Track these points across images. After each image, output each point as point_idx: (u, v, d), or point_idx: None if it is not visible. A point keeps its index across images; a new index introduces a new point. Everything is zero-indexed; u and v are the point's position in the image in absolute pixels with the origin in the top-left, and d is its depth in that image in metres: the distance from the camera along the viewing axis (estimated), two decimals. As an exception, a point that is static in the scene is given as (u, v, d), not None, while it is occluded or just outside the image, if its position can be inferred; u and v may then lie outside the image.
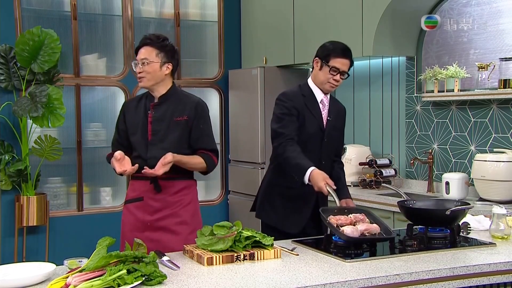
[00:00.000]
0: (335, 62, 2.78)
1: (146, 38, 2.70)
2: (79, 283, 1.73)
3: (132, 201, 2.69)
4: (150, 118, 2.64)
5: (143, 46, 2.66)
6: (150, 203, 2.65)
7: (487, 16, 3.66)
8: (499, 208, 2.48)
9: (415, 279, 1.96)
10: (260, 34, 5.16)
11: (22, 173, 4.36)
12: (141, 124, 2.65)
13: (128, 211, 2.71)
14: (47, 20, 4.69)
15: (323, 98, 2.88)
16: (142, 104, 2.69)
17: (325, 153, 2.88)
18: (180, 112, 2.64)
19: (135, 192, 2.68)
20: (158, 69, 2.63)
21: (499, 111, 3.59)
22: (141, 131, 2.64)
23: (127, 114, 2.72)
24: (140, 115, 2.67)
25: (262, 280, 1.87)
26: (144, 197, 2.65)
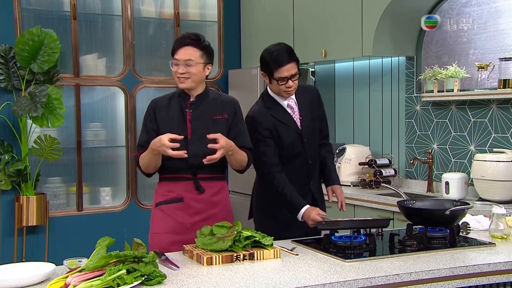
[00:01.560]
0: (279, 73, 2.70)
1: (187, 37, 2.59)
2: (79, 283, 1.73)
3: (170, 202, 2.55)
4: (189, 116, 2.56)
5: (185, 46, 2.55)
6: (192, 204, 2.53)
7: (486, 16, 3.66)
8: (498, 208, 2.48)
9: (414, 279, 1.96)
10: (259, 34, 5.16)
11: (21, 173, 4.36)
12: (177, 122, 2.55)
13: (162, 213, 2.55)
14: (46, 20, 4.68)
15: (288, 102, 2.82)
16: (175, 102, 2.60)
17: (310, 152, 2.83)
18: (219, 111, 2.61)
19: (173, 193, 2.55)
20: (202, 70, 2.60)
21: (499, 111, 3.59)
22: (178, 130, 2.50)
23: (159, 113, 2.58)
24: (175, 113, 2.57)
25: (262, 280, 1.87)
26: (184, 198, 2.53)
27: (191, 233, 2.45)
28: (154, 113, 2.59)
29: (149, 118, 2.60)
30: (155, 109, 2.60)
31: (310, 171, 2.85)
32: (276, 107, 2.80)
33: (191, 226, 2.51)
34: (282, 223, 2.77)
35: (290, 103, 2.82)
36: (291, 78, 2.72)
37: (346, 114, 4.76)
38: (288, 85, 2.72)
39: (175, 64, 2.54)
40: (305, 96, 2.88)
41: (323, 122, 2.97)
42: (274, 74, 2.71)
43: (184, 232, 2.50)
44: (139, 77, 5.01)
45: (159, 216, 2.57)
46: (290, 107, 2.82)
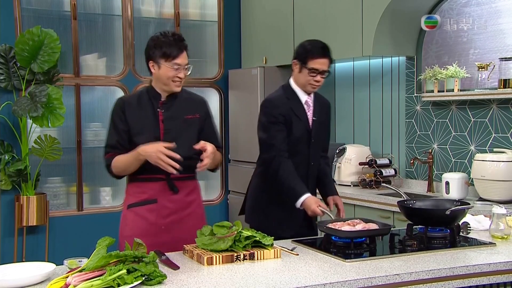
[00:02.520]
0: (313, 63, 2.73)
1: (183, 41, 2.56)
2: (79, 283, 1.73)
3: (143, 204, 2.51)
4: (161, 117, 2.52)
5: (184, 51, 2.54)
6: (166, 205, 2.51)
7: (486, 16, 3.66)
8: (499, 208, 2.48)
9: (415, 279, 1.96)
10: (260, 34, 5.16)
11: (22, 173, 4.36)
12: (150, 122, 2.52)
13: (135, 215, 2.52)
14: (47, 20, 4.68)
15: (307, 99, 2.84)
16: (145, 101, 2.55)
17: (313, 154, 2.86)
18: (192, 111, 2.60)
19: (146, 194, 2.51)
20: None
21: (499, 111, 3.59)
22: (150, 131, 2.50)
23: (129, 112, 2.52)
24: (146, 113, 2.53)
25: (262, 280, 1.87)
26: (158, 199, 2.50)
27: (165, 234, 2.47)
28: (123, 113, 2.53)
29: (119, 118, 2.53)
30: (124, 108, 2.54)
31: (309, 173, 2.85)
32: (294, 99, 2.82)
33: (165, 227, 2.50)
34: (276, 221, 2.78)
35: (308, 100, 2.85)
36: (321, 73, 2.76)
37: (346, 114, 4.76)
38: (316, 79, 2.76)
39: (175, 68, 2.50)
40: (319, 103, 2.92)
41: (327, 134, 3.01)
42: (307, 63, 2.74)
43: (158, 233, 2.48)
44: (139, 77, 5.01)
45: (131, 218, 2.53)
46: (307, 105, 2.85)
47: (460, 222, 2.46)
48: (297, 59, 2.79)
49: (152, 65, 2.52)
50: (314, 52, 2.74)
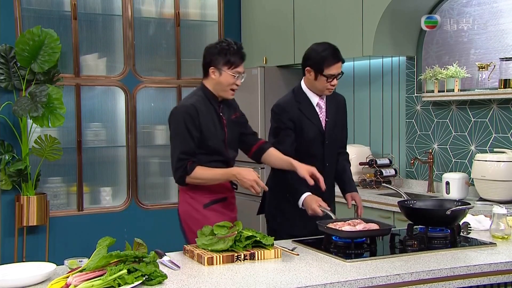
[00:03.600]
0: (330, 70, 2.74)
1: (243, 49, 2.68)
2: (80, 283, 1.73)
3: (217, 202, 2.69)
4: (225, 121, 2.69)
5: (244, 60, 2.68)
6: (232, 201, 2.77)
7: (487, 16, 3.66)
8: (499, 208, 2.48)
9: (415, 279, 1.96)
10: (260, 34, 5.16)
11: (22, 173, 4.36)
12: (217, 127, 2.65)
13: (215, 212, 2.66)
14: (47, 20, 4.68)
15: (319, 101, 2.86)
16: (208, 106, 2.65)
17: (328, 155, 2.87)
18: (233, 110, 2.77)
19: (218, 194, 2.69)
20: None
21: (499, 111, 3.59)
22: (218, 135, 2.65)
23: (202, 119, 2.60)
24: (213, 118, 2.65)
25: (263, 280, 1.87)
26: (227, 197, 2.73)
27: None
28: (198, 120, 2.59)
29: (193, 125, 2.58)
30: (198, 116, 2.59)
31: (325, 173, 2.82)
32: (305, 102, 2.85)
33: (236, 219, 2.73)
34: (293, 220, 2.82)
35: (320, 102, 2.87)
36: (337, 76, 2.79)
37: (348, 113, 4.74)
38: (333, 83, 2.80)
39: (237, 76, 2.64)
40: (333, 102, 2.93)
41: (344, 131, 3.02)
42: (324, 70, 2.74)
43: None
44: (139, 77, 5.01)
45: (213, 216, 2.63)
46: (319, 107, 2.87)
47: (461, 222, 2.46)
48: (311, 67, 2.77)
49: (213, 71, 2.63)
50: (329, 59, 2.75)
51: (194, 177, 2.58)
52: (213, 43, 2.69)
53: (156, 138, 5.17)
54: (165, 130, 5.20)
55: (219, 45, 2.63)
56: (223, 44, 2.63)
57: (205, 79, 2.68)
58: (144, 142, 5.09)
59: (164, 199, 5.20)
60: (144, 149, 5.10)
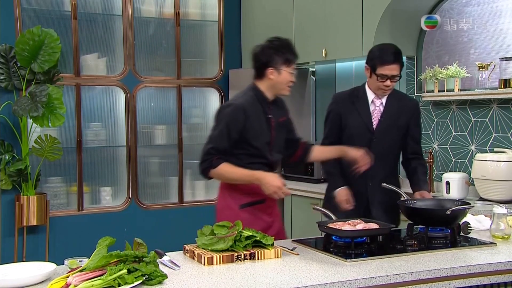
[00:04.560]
0: (382, 70, 2.81)
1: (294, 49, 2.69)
2: (80, 283, 1.73)
3: (254, 204, 2.68)
4: (273, 123, 2.67)
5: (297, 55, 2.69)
6: (270, 205, 2.73)
7: (487, 15, 3.66)
8: (499, 207, 2.48)
9: (415, 278, 1.96)
10: (260, 34, 5.16)
11: (22, 172, 4.36)
12: (264, 129, 2.64)
13: (249, 215, 2.65)
14: (47, 19, 4.68)
15: (374, 99, 2.92)
16: (259, 108, 2.64)
17: (376, 153, 2.84)
18: (282, 113, 2.75)
19: (257, 195, 2.63)
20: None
21: (500, 111, 3.59)
22: (264, 137, 2.64)
23: (249, 120, 2.59)
24: (261, 120, 2.64)
25: (263, 279, 1.87)
26: (266, 200, 2.67)
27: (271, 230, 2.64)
28: (243, 122, 2.58)
29: (235, 127, 2.58)
30: (245, 118, 2.58)
31: (371, 172, 2.83)
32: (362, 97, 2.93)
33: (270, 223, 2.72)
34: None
35: (375, 101, 2.92)
36: (391, 78, 2.82)
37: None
38: (386, 84, 2.83)
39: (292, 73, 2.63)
40: (398, 104, 2.95)
41: (413, 139, 3.00)
42: (376, 70, 2.81)
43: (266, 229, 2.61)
44: (139, 76, 5.01)
45: (246, 217, 2.58)
46: (374, 104, 2.92)
47: (461, 222, 2.46)
48: (368, 64, 2.88)
49: (271, 72, 2.60)
50: (383, 59, 2.81)
51: (218, 172, 2.57)
52: (263, 44, 2.67)
53: (156, 138, 5.17)
54: (165, 130, 5.20)
55: (274, 44, 2.63)
56: (277, 43, 2.64)
57: (259, 80, 2.65)
58: (144, 142, 5.09)
59: (164, 199, 5.20)
60: (144, 149, 5.10)
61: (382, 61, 2.80)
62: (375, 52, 2.87)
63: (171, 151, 5.18)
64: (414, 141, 3.01)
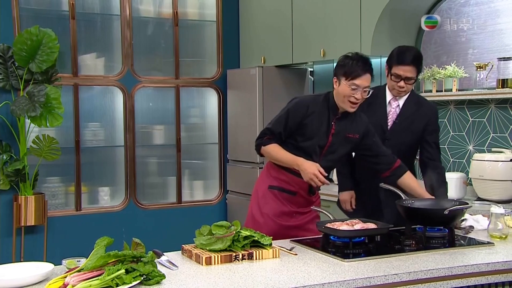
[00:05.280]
0: (397, 70, 2.84)
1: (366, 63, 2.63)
2: (78, 283, 1.73)
3: (284, 191, 2.73)
4: (333, 131, 2.69)
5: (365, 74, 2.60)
6: (301, 201, 2.76)
7: (485, 16, 3.66)
8: (497, 207, 2.48)
9: (413, 278, 1.96)
10: (258, 33, 5.16)
11: (20, 172, 4.35)
12: (322, 132, 2.67)
13: (275, 197, 2.73)
14: (45, 19, 4.68)
15: (391, 100, 2.93)
16: (323, 110, 2.68)
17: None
18: (354, 130, 2.73)
19: (289, 185, 2.72)
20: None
21: (497, 111, 3.59)
22: (319, 139, 2.67)
23: (311, 116, 2.66)
24: (323, 122, 2.68)
25: (261, 279, 1.87)
26: (298, 193, 2.73)
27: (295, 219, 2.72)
28: (303, 116, 2.66)
29: (294, 119, 2.67)
30: (306, 113, 2.66)
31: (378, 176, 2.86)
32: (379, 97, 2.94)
33: (296, 214, 2.74)
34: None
35: (392, 102, 2.94)
36: (406, 79, 2.83)
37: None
38: (400, 85, 2.85)
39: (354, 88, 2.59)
40: (415, 108, 2.94)
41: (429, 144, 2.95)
42: (392, 69, 2.86)
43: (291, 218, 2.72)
44: (137, 76, 5.01)
45: (272, 197, 2.74)
46: (390, 105, 2.94)
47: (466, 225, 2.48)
48: (387, 63, 2.91)
49: (335, 81, 2.66)
50: (399, 59, 2.83)
51: (267, 151, 2.71)
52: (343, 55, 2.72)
53: (155, 138, 5.17)
54: (163, 130, 5.20)
55: (343, 56, 2.67)
56: (345, 56, 2.67)
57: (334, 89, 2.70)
58: (142, 142, 5.09)
59: (162, 199, 5.20)
60: (143, 149, 5.09)
61: (398, 61, 2.83)
62: (394, 51, 2.90)
63: (169, 151, 5.18)
64: (430, 146, 2.98)
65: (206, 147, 5.42)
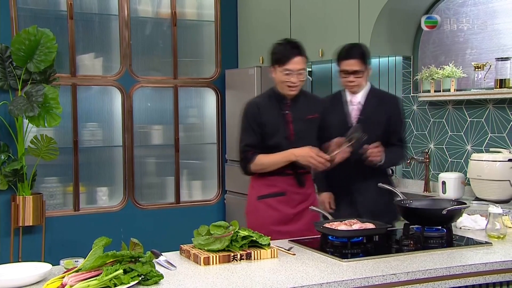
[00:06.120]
0: (343, 66, 2.89)
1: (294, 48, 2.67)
2: (76, 283, 1.73)
3: (273, 196, 2.73)
4: (290, 118, 2.69)
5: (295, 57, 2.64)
6: (294, 197, 2.74)
7: (483, 16, 3.66)
8: (495, 207, 2.49)
9: (411, 278, 1.96)
10: (257, 33, 5.16)
11: (18, 173, 4.35)
12: (279, 124, 2.70)
13: (267, 206, 2.73)
14: (43, 19, 4.67)
15: (350, 97, 2.96)
16: (273, 104, 2.72)
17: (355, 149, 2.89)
18: (312, 111, 2.76)
19: (276, 187, 2.72)
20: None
21: (495, 111, 3.60)
22: (281, 132, 2.69)
23: (264, 115, 2.71)
24: (276, 115, 2.71)
25: (259, 280, 1.87)
26: (287, 192, 2.72)
27: (293, 223, 2.68)
28: (259, 116, 2.70)
29: (254, 120, 2.71)
30: (259, 112, 2.72)
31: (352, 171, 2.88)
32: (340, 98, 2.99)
33: (294, 216, 2.73)
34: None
35: (352, 99, 2.97)
36: (354, 73, 2.87)
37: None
38: (349, 79, 2.89)
39: (287, 73, 2.63)
40: (376, 101, 2.99)
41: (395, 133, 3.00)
42: (340, 66, 2.91)
43: (288, 222, 2.68)
44: (136, 76, 5.01)
45: (263, 208, 2.74)
46: (352, 103, 2.97)
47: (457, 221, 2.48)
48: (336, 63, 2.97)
49: (272, 70, 2.71)
50: (344, 55, 2.89)
51: (257, 164, 2.69)
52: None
53: (153, 138, 5.17)
54: (162, 130, 5.20)
55: (274, 44, 2.70)
56: (276, 44, 2.70)
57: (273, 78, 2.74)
58: (140, 142, 5.08)
59: (160, 199, 5.20)
60: (141, 149, 5.09)
61: (343, 57, 2.89)
62: (339, 50, 2.96)
63: (167, 151, 5.18)
64: (395, 136, 3.03)
65: (205, 147, 5.42)
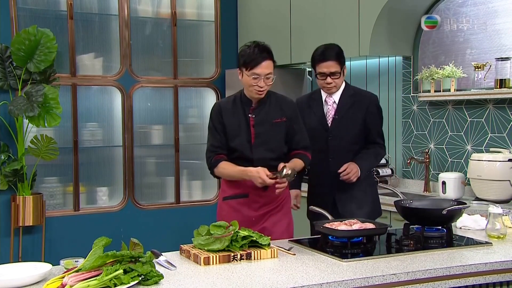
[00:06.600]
0: (319, 68, 2.91)
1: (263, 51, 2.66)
2: (76, 283, 1.73)
3: (236, 197, 2.74)
4: (253, 121, 2.70)
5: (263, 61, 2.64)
6: (256, 199, 2.73)
7: (483, 16, 3.66)
8: (495, 207, 2.49)
9: (411, 278, 1.96)
10: (257, 33, 5.16)
11: (18, 173, 4.35)
12: (242, 127, 2.71)
13: (230, 207, 2.75)
14: (43, 19, 4.67)
15: (326, 98, 2.99)
16: (238, 107, 2.73)
17: (333, 151, 2.96)
18: (279, 114, 2.74)
19: (239, 189, 2.73)
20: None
21: (495, 111, 3.60)
22: (244, 134, 2.70)
23: (225, 117, 2.73)
24: (239, 118, 2.72)
25: (259, 280, 1.87)
26: (249, 194, 2.71)
27: (256, 226, 2.66)
28: (221, 116, 2.72)
29: (218, 121, 2.74)
30: (221, 112, 2.74)
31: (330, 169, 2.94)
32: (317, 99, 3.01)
33: (256, 219, 2.72)
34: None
35: (328, 100, 3.00)
36: (331, 75, 2.89)
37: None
38: (327, 81, 2.91)
39: (255, 77, 2.64)
40: (351, 99, 3.00)
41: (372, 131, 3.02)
42: (316, 68, 2.92)
43: (249, 225, 2.63)
44: (136, 76, 5.01)
45: (226, 209, 2.76)
46: (327, 103, 3.00)
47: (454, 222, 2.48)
48: (312, 66, 2.98)
49: (239, 73, 2.71)
50: (320, 57, 2.90)
51: (219, 171, 2.74)
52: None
53: (153, 138, 5.16)
54: (162, 130, 5.20)
55: (243, 46, 2.70)
56: (244, 46, 2.70)
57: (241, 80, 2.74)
58: (140, 142, 5.08)
59: (160, 199, 5.20)
60: (141, 149, 5.09)
61: (319, 59, 2.90)
62: (314, 52, 2.97)
63: (167, 151, 5.18)
64: (374, 132, 3.04)
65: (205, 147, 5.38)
